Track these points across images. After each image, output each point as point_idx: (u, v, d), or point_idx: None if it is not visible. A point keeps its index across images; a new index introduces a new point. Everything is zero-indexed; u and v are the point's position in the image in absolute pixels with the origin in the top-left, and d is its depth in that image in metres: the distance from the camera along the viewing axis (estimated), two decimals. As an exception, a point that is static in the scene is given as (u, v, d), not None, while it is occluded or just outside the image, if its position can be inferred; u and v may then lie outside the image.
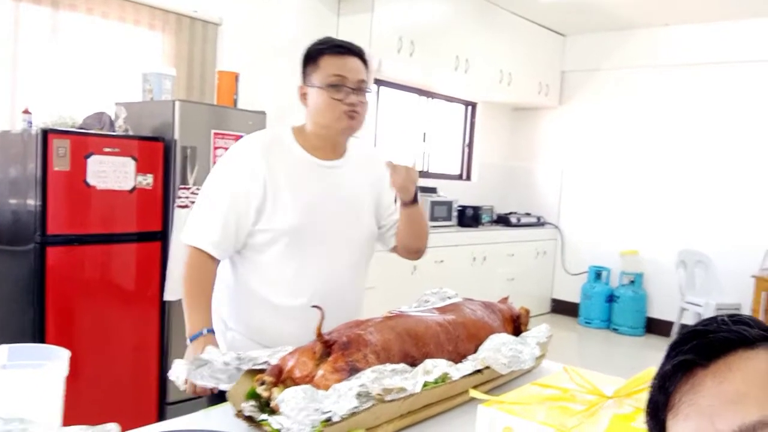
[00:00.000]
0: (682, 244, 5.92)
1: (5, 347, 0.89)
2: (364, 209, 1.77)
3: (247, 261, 1.66)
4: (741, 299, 5.47)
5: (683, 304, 5.67)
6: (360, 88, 1.65)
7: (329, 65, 1.63)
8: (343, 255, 1.70)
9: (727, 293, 5.65)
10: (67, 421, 0.85)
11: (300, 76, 1.71)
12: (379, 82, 5.58)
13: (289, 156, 1.68)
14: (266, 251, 1.63)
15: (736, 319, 0.61)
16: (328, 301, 1.61)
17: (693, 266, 5.87)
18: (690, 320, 5.75)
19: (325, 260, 1.66)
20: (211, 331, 1.57)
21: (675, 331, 5.78)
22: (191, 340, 1.54)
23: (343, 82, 1.62)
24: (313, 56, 1.67)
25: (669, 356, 0.63)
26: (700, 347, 0.60)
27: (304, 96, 1.70)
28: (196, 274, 1.62)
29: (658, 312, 6.24)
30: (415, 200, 1.74)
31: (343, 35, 4.76)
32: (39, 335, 2.78)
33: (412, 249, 1.87)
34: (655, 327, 6.21)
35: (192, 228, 1.65)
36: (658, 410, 0.63)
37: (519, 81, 6.20)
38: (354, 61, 1.65)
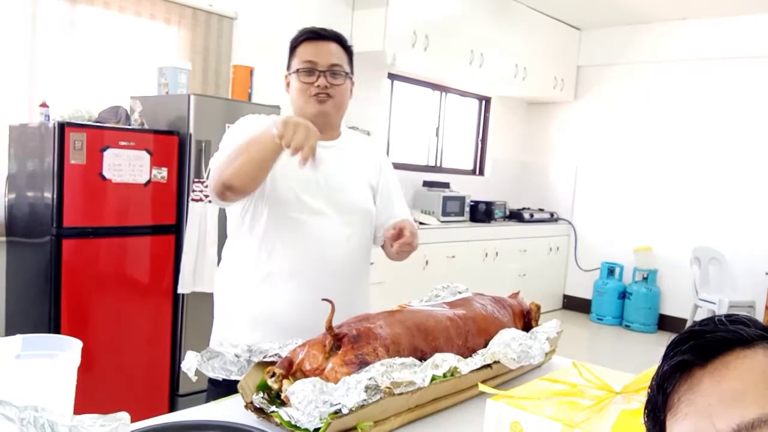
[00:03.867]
0: (697, 241, 5.88)
1: (19, 337, 0.90)
2: (358, 186, 1.79)
3: (253, 234, 1.67)
4: (755, 297, 5.43)
5: (697, 301, 5.63)
6: (332, 71, 1.68)
7: (303, 52, 1.69)
8: (342, 226, 1.72)
9: (741, 291, 5.61)
10: (80, 411, 0.86)
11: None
12: (392, 77, 5.58)
13: None
14: (268, 221, 1.65)
15: (733, 319, 0.61)
16: (330, 269, 1.66)
17: (707, 263, 5.83)
18: (703, 317, 5.71)
19: (324, 230, 1.68)
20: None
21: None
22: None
23: (313, 66, 1.67)
24: (293, 46, 1.73)
25: (667, 356, 0.63)
26: (698, 347, 0.60)
27: (288, 85, 1.76)
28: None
29: (671, 309, 6.20)
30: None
31: (358, 29, 4.77)
32: (54, 326, 2.81)
33: (396, 260, 1.91)
34: (668, 324, 6.17)
35: (214, 171, 1.60)
36: (657, 410, 0.63)
37: (534, 75, 6.17)
38: (327, 46, 1.69)
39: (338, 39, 1.73)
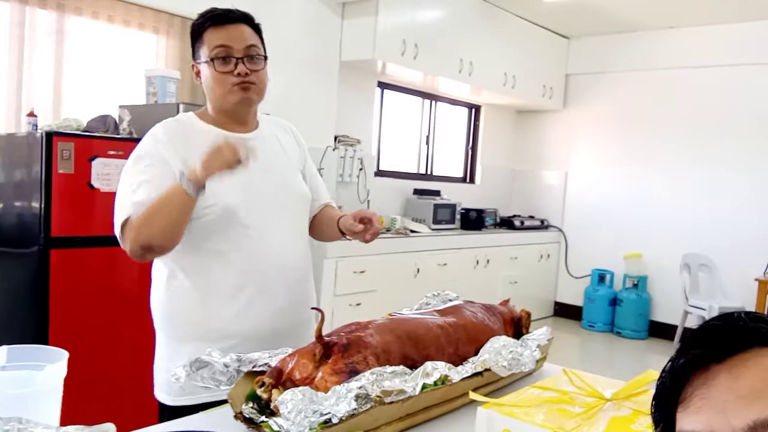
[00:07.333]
0: (686, 247, 5.91)
1: (4, 348, 0.89)
2: (288, 174, 1.70)
3: (189, 248, 1.56)
4: (745, 303, 5.46)
5: (687, 307, 5.65)
6: (249, 55, 1.57)
7: (212, 37, 1.57)
8: (279, 221, 1.62)
9: (730, 297, 5.63)
10: (68, 423, 0.85)
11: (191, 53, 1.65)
12: (382, 85, 5.59)
13: (198, 134, 1.60)
14: (201, 230, 1.54)
15: (753, 316, 0.60)
16: (273, 267, 1.58)
17: (697, 270, 5.85)
18: (694, 324, 5.74)
19: (261, 229, 1.58)
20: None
21: (679, 335, 5.77)
22: (184, 184, 1.41)
23: (228, 52, 1.55)
24: (197, 31, 1.60)
25: (683, 349, 0.62)
26: (717, 342, 0.59)
27: (197, 74, 1.64)
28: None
29: (661, 315, 6.22)
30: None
31: (347, 38, 4.78)
32: (42, 337, 2.78)
33: (320, 240, 1.86)
34: (658, 330, 6.19)
35: (119, 211, 1.53)
36: (667, 403, 0.62)
37: (523, 84, 6.20)
38: (239, 28, 1.58)
39: (248, 19, 1.60)
